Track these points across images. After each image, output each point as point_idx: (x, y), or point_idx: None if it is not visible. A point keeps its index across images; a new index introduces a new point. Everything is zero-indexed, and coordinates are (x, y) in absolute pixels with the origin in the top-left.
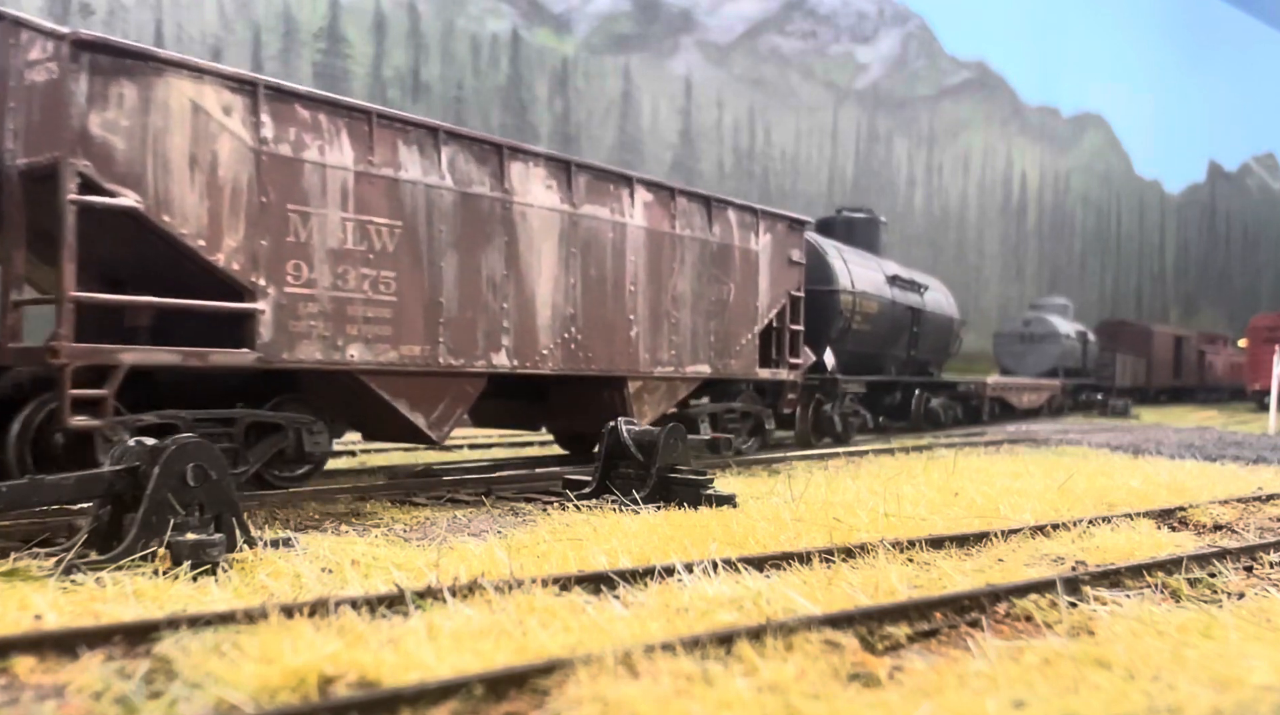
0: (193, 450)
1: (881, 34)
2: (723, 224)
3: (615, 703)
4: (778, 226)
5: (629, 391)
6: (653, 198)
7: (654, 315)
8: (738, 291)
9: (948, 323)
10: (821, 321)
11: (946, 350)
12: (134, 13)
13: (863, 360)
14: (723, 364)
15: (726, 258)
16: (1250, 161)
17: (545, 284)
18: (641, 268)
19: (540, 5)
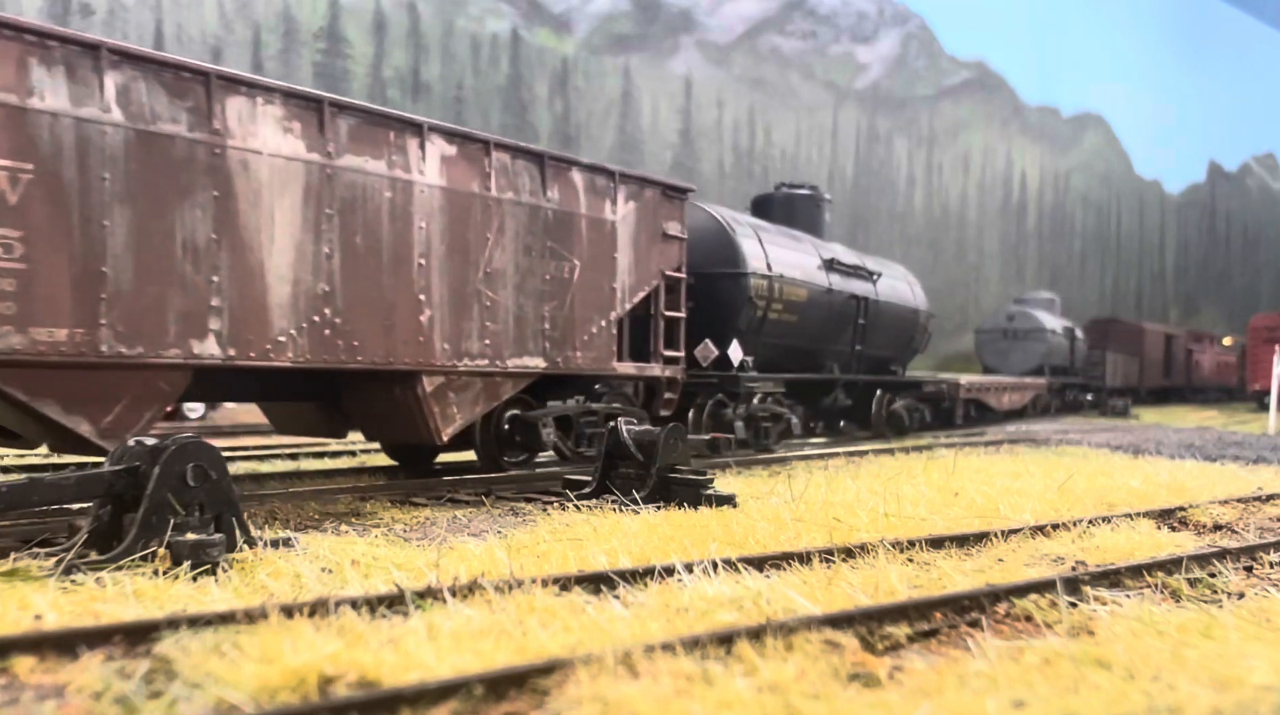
0: (193, 450)
1: (881, 34)
2: (564, 187)
3: (615, 703)
4: (646, 194)
5: (424, 390)
6: (456, 151)
7: (458, 295)
8: (586, 269)
9: (910, 315)
10: (725, 310)
11: (910, 345)
12: (134, 12)
13: (792, 355)
14: (564, 356)
15: (568, 228)
16: (1250, 161)
17: (282, 253)
18: (437, 237)
19: (540, 5)
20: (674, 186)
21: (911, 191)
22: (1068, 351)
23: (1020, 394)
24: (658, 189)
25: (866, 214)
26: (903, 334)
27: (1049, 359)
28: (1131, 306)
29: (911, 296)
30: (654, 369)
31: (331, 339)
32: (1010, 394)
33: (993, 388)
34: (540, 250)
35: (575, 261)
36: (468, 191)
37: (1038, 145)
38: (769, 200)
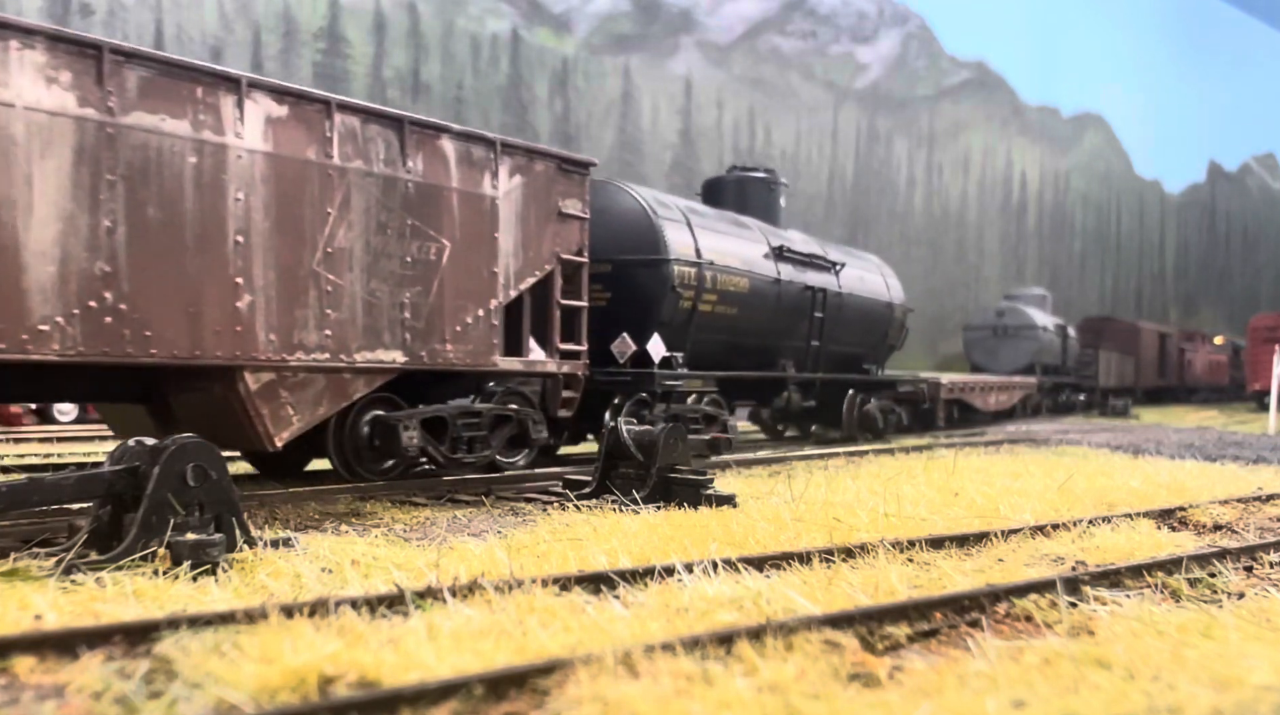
0: (193, 450)
1: (881, 34)
2: (430, 157)
3: (615, 703)
4: (536, 167)
5: (247, 387)
6: (288, 112)
7: (289, 279)
8: (458, 251)
9: (882, 309)
10: (646, 301)
11: (884, 342)
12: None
13: (736, 352)
14: (430, 350)
15: (436, 204)
16: (1250, 161)
17: (44, 226)
18: (260, 211)
19: (540, 5)
20: (571, 160)
21: (911, 191)
22: (1060, 350)
23: (1008, 394)
24: (552, 162)
25: (866, 214)
26: (874, 329)
27: (1040, 357)
28: (1131, 306)
29: (884, 289)
30: (547, 365)
31: (115, 328)
32: (997, 394)
33: (978, 387)
34: (399, 228)
35: (444, 242)
36: (302, 159)
37: (1038, 145)
38: (720, 184)
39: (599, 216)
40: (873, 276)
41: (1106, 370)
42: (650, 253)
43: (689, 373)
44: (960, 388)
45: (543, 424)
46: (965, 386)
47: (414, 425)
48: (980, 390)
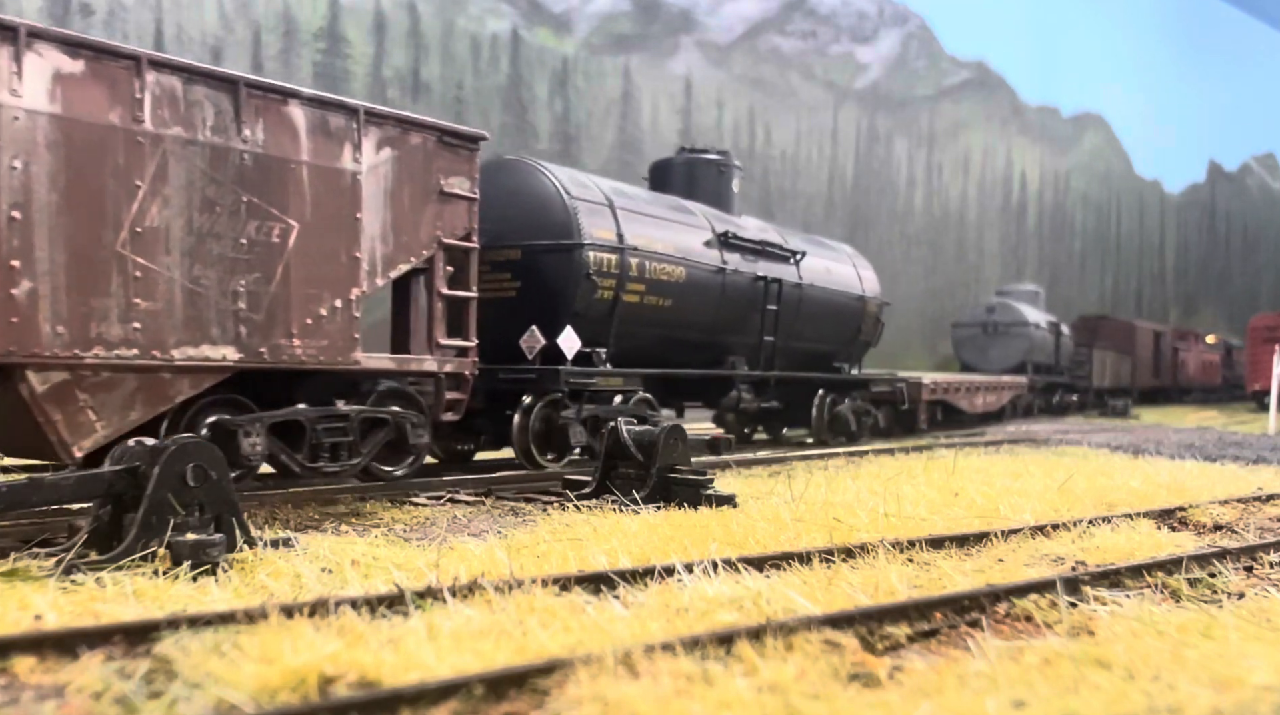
0: (193, 450)
1: (881, 34)
2: (273, 125)
3: (615, 703)
4: (410, 140)
5: (32, 388)
6: (83, 68)
7: (84, 262)
8: (309, 233)
9: (853, 303)
10: (557, 291)
11: (857, 338)
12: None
13: (676, 348)
14: (273, 345)
15: (280, 179)
16: (1250, 161)
17: None
18: (44, 182)
19: (540, 5)
20: (455, 132)
21: (911, 191)
22: (1053, 348)
23: (996, 394)
24: (431, 134)
25: (866, 214)
26: (844, 325)
27: (1031, 356)
28: (1131, 306)
29: (855, 282)
30: (424, 362)
31: None
32: (985, 395)
33: (964, 387)
34: (231, 206)
35: (291, 222)
36: (102, 123)
37: (1038, 145)
38: (667, 168)
39: (509, 198)
40: (842, 268)
41: (1101, 370)
42: (562, 237)
43: (608, 370)
44: (944, 388)
45: (425, 428)
46: (949, 386)
47: (257, 430)
48: (966, 390)
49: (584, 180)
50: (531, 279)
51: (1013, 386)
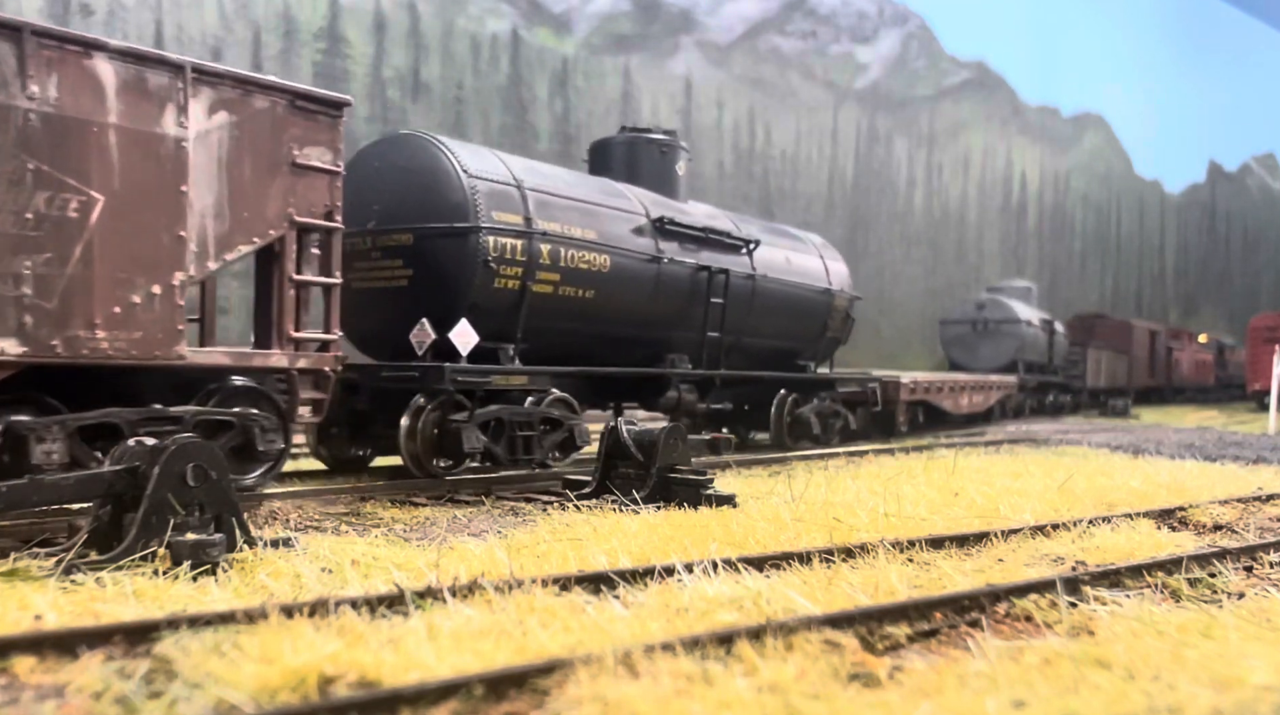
0: (193, 450)
1: (881, 34)
2: (71, 82)
3: (615, 703)
4: (254, 104)
5: None
6: None
7: None
8: (120, 207)
9: (817, 296)
10: (451, 279)
11: (823, 335)
12: (134, 13)
13: (603, 344)
14: (69, 337)
15: (79, 144)
16: (1250, 161)
17: None
18: None
19: (540, 5)
20: (313, 96)
21: (911, 191)
22: (1045, 346)
23: (984, 395)
24: (282, 98)
25: (866, 214)
26: (808, 320)
27: (1023, 354)
28: (1131, 306)
29: (821, 273)
30: (271, 357)
31: None
32: (971, 395)
33: (947, 387)
34: (13, 174)
35: (94, 194)
36: None
37: (1038, 145)
38: (607, 148)
39: (401, 177)
40: (806, 259)
41: (1096, 369)
42: (456, 219)
43: (509, 367)
44: (925, 388)
45: (278, 432)
46: (931, 386)
47: (56, 435)
48: (950, 390)
49: (488, 157)
50: (423, 267)
51: (1002, 386)
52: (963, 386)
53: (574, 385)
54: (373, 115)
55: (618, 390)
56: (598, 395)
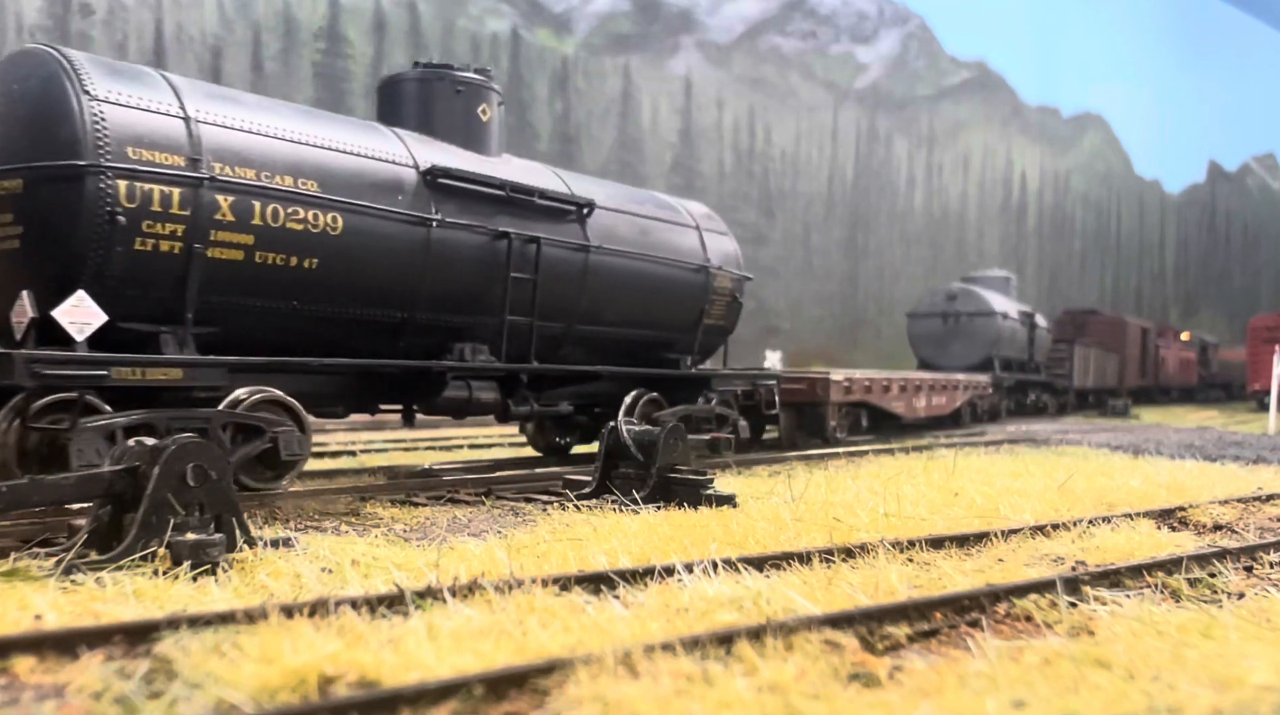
0: (193, 450)
1: (881, 34)
2: None
3: (615, 703)
4: None
5: None
6: None
7: None
8: None
9: (691, 276)
10: (61, 237)
11: (699, 322)
12: (134, 13)
13: (352, 331)
14: None
15: None
16: (1250, 161)
17: None
18: None
19: (540, 5)
20: None
21: (911, 191)
22: (1025, 342)
23: (947, 395)
24: None
25: (866, 214)
26: (675, 305)
27: (999, 350)
28: (1131, 306)
29: (696, 248)
30: None
31: None
32: (930, 395)
33: (896, 386)
34: None
35: None
36: None
37: (1038, 145)
38: (396, 88)
39: (10, 106)
40: (675, 231)
41: (1084, 367)
42: (67, 158)
43: (151, 358)
44: (865, 387)
45: None
46: (875, 385)
47: None
48: (901, 390)
49: (143, 78)
50: (33, 222)
51: (971, 386)
52: (919, 386)
53: (314, 383)
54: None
55: (382, 388)
56: (361, 395)
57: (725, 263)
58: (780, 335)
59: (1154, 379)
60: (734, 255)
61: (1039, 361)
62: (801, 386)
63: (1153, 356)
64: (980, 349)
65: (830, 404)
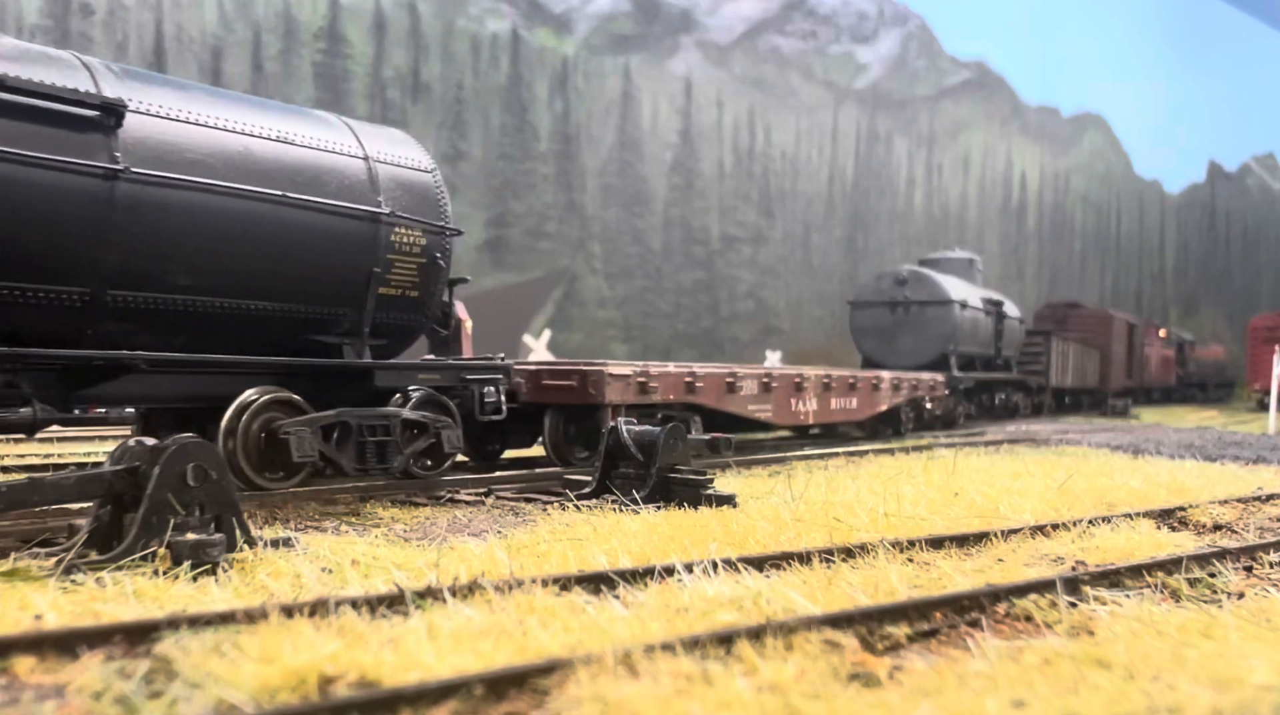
0: (193, 450)
1: (881, 34)
2: None
3: (615, 703)
4: None
5: None
6: None
7: None
8: None
9: (352, 226)
10: None
11: (367, 291)
12: (134, 12)
13: None
14: None
15: None
16: (1250, 161)
17: None
18: None
19: (540, 5)
20: None
21: (911, 191)
22: (989, 335)
23: (863, 397)
24: None
25: (866, 214)
26: (322, 266)
27: (958, 344)
28: (1131, 306)
29: (362, 185)
30: None
31: None
32: (831, 397)
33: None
34: None
35: None
36: None
37: (1038, 145)
38: None
39: None
40: (324, 160)
41: (1061, 364)
42: None
43: None
44: (686, 383)
45: None
46: (708, 382)
47: None
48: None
49: None
50: None
51: (911, 385)
52: (800, 384)
53: None
54: (373, 115)
55: None
56: None
57: (417, 209)
58: (780, 335)
59: (1140, 379)
60: (432, 200)
61: (1009, 357)
62: (570, 382)
63: (1139, 355)
64: (934, 344)
65: (607, 407)
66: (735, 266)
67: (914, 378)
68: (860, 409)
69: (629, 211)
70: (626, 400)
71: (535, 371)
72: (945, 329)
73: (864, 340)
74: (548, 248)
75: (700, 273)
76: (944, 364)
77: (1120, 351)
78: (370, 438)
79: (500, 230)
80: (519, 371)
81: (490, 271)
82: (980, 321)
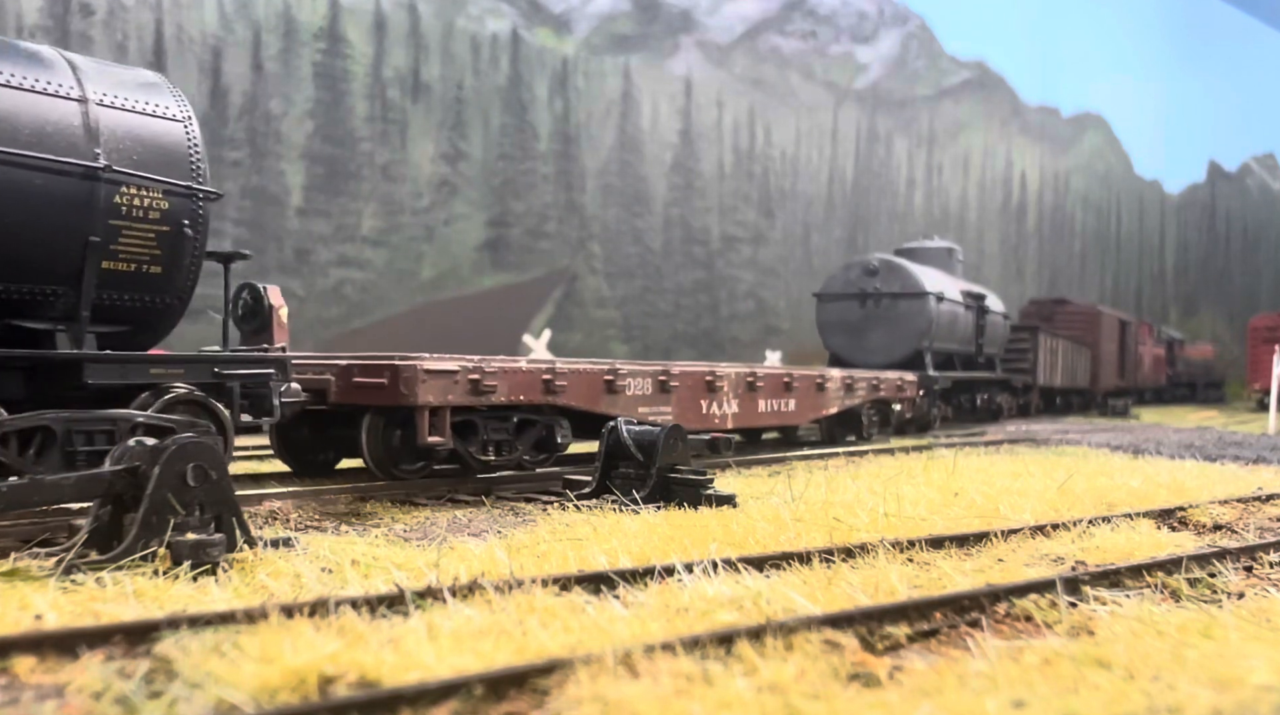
0: (193, 450)
1: (881, 34)
2: None
3: (615, 703)
4: None
5: None
6: None
7: None
8: None
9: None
10: None
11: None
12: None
13: None
14: None
15: None
16: (1250, 161)
17: None
18: None
19: (540, 5)
20: None
21: (911, 192)
22: (970, 331)
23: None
24: None
25: (866, 214)
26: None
27: (932, 341)
28: (1132, 306)
29: (74, 133)
30: None
31: None
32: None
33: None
34: None
35: None
36: None
37: (1038, 145)
38: None
39: None
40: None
41: (1049, 363)
42: None
43: None
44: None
45: None
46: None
47: None
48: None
49: None
50: None
51: (869, 386)
52: (714, 382)
53: None
54: (372, 115)
55: None
56: None
57: (158, 166)
58: (780, 335)
59: (1132, 379)
60: (181, 155)
61: (991, 355)
62: (382, 380)
63: (1132, 354)
64: (907, 340)
65: (424, 410)
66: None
67: (873, 376)
68: (800, 412)
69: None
70: (452, 401)
71: (346, 367)
72: (919, 324)
73: (831, 336)
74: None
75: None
76: (918, 362)
77: (1112, 350)
78: (84, 447)
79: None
80: (328, 366)
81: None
82: (959, 316)
